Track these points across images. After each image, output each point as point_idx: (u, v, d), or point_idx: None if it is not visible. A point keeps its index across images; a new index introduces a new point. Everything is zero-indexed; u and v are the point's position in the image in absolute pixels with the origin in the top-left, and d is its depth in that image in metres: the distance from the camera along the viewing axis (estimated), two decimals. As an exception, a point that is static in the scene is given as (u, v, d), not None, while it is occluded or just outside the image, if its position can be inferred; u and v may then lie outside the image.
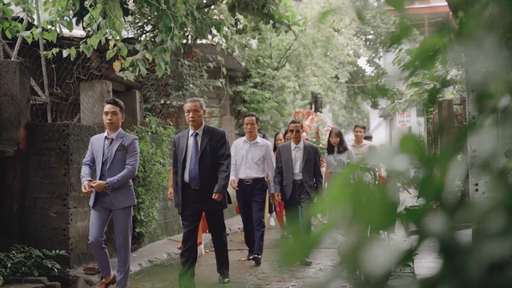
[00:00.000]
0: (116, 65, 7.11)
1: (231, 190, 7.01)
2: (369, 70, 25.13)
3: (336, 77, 20.42)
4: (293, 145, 7.50)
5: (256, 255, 7.17)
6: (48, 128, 6.60)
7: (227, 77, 12.24)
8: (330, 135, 9.10)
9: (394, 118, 24.87)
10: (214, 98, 13.25)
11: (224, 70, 9.23)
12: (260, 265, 7.11)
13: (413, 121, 22.05)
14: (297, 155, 7.42)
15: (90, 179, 5.38)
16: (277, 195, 7.37)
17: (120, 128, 5.60)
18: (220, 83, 9.69)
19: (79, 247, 6.72)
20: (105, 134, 5.57)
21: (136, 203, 5.99)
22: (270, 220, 11.25)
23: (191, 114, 5.69)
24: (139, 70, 7.24)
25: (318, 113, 11.94)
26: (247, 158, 7.42)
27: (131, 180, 5.59)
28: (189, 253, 5.72)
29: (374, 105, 25.10)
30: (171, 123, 10.10)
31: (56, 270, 5.96)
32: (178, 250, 8.56)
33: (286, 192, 7.35)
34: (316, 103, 20.53)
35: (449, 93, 10.41)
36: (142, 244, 8.36)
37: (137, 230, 7.97)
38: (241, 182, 7.41)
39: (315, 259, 7.32)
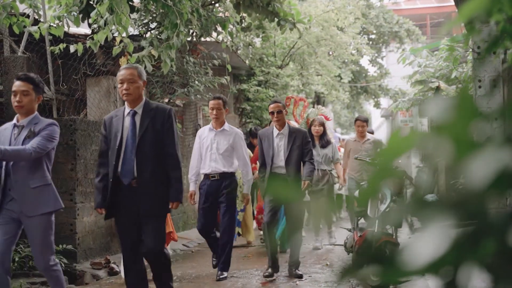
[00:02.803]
0: (122, 61, 7.14)
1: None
2: (371, 70, 25.20)
3: (339, 76, 20.45)
4: (275, 131, 6.12)
5: (220, 274, 6.07)
6: (55, 123, 6.59)
7: (231, 75, 12.26)
8: (312, 124, 7.92)
9: (396, 118, 24.88)
10: (218, 96, 13.25)
11: (229, 67, 9.25)
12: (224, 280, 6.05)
13: (416, 121, 22.05)
14: (280, 144, 6.06)
15: None
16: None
17: (36, 113, 4.22)
18: (225, 80, 9.70)
19: (86, 242, 6.74)
20: (14, 121, 4.22)
21: (63, 206, 4.27)
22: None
23: (125, 85, 4.22)
24: (145, 67, 7.25)
25: (320, 106, 10.57)
26: (212, 149, 6.13)
27: (50, 178, 4.18)
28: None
29: (377, 105, 25.17)
30: (176, 121, 10.04)
31: (63, 265, 5.96)
32: (182, 246, 8.57)
33: (262, 187, 5.99)
34: (319, 102, 20.56)
35: (453, 91, 10.44)
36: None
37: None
38: (206, 177, 6.15)
39: (321, 255, 7.33)
